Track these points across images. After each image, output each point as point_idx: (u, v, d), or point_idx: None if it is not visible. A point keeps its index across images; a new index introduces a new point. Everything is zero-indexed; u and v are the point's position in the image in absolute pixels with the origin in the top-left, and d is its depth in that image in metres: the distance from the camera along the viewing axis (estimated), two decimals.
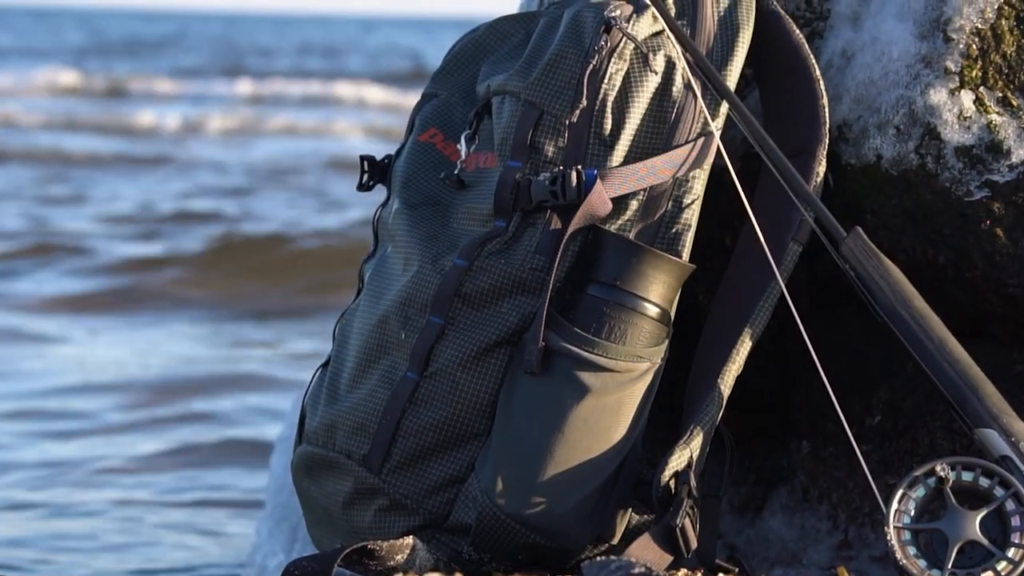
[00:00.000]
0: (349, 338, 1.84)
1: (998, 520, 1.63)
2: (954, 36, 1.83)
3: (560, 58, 1.78)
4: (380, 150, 2.03)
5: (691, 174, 1.76)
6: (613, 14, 1.77)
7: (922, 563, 1.62)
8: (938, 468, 1.64)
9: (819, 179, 1.81)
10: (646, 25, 1.78)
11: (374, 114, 17.10)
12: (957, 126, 1.82)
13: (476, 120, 1.85)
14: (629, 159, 1.75)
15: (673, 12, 1.80)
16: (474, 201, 1.81)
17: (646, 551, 1.68)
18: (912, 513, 1.64)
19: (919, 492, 1.65)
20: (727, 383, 1.75)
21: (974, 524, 1.63)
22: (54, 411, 4.46)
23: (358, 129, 15.17)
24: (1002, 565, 1.62)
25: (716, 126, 1.76)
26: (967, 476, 1.64)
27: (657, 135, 1.76)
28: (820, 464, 2.00)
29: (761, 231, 1.75)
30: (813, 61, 1.84)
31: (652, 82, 1.76)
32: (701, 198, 1.77)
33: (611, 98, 1.75)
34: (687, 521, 1.68)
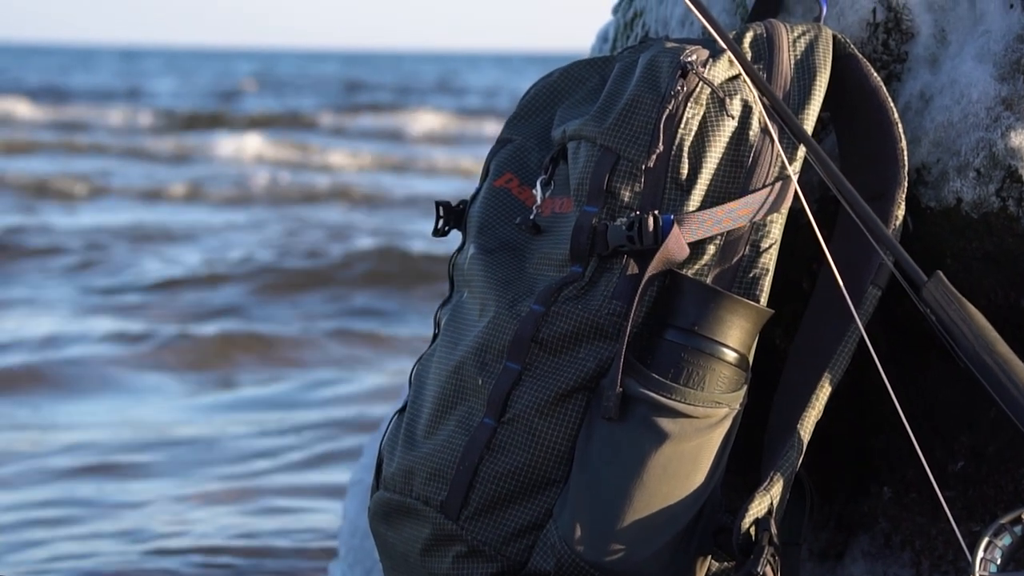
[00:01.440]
0: (425, 383, 1.84)
1: None
2: None
3: (636, 103, 1.77)
4: None
5: (768, 218, 1.75)
6: (689, 59, 1.77)
7: None
8: None
9: (898, 223, 1.79)
10: (722, 69, 1.78)
11: None
12: None
13: (552, 165, 1.85)
14: (706, 204, 1.74)
15: (750, 56, 1.80)
16: (550, 246, 1.81)
17: None
18: (998, 561, 1.62)
19: (1005, 540, 1.63)
20: (807, 428, 1.74)
21: None
22: None
23: None
24: None
25: (793, 170, 1.75)
26: None
27: (734, 179, 1.75)
28: (902, 510, 1.97)
29: (840, 275, 1.73)
30: (891, 104, 1.82)
31: (729, 126, 1.76)
32: (779, 242, 1.76)
33: (688, 143, 1.75)
34: (768, 569, 1.66)
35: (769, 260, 1.75)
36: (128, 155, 16.58)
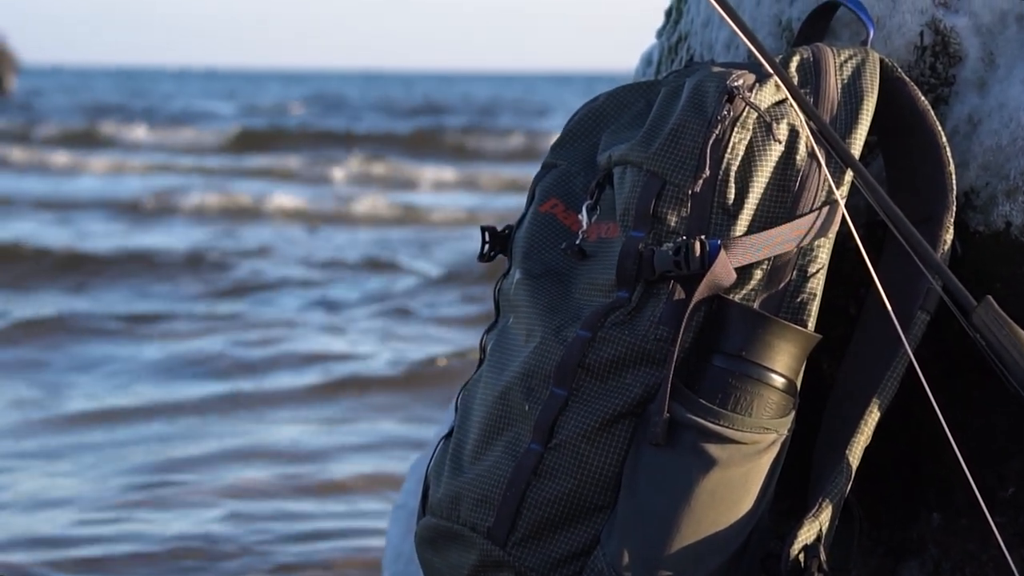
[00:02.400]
0: (472, 409, 1.84)
1: None
2: None
3: (682, 128, 1.77)
4: None
5: (816, 243, 1.74)
6: (736, 83, 1.76)
7: None
8: None
9: (947, 247, 1.78)
10: (769, 94, 1.77)
11: None
12: None
13: (597, 190, 1.85)
14: (753, 228, 1.74)
15: (796, 80, 1.79)
16: (596, 271, 1.80)
17: None
18: None
19: None
20: (855, 454, 1.73)
21: None
22: None
23: None
24: None
25: (841, 194, 1.75)
26: None
27: (781, 204, 1.74)
28: (952, 536, 1.95)
29: (888, 300, 1.72)
30: (939, 127, 1.81)
31: (775, 151, 1.75)
32: (826, 267, 1.75)
33: (734, 167, 1.75)
34: None
35: (816, 285, 1.74)
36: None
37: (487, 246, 1.93)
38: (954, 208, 1.79)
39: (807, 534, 1.67)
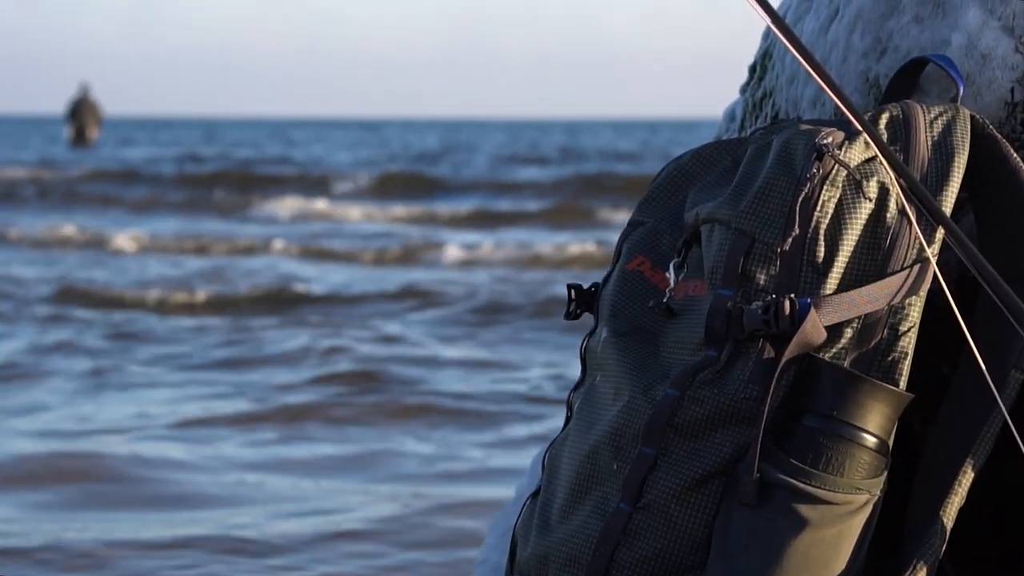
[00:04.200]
0: (559, 468, 1.84)
1: None
2: None
3: (771, 186, 1.76)
4: None
5: (907, 301, 1.73)
6: (825, 141, 1.75)
7: None
8: None
9: None
10: (859, 151, 1.76)
11: None
12: None
13: (685, 248, 1.84)
14: (843, 287, 1.72)
15: (886, 138, 1.78)
16: (684, 330, 1.80)
17: None
18: None
19: None
20: (949, 515, 1.71)
21: None
22: None
23: None
24: None
25: (932, 252, 1.73)
26: None
27: (871, 262, 1.73)
28: None
29: (981, 358, 1.70)
30: None
31: (866, 208, 1.74)
32: (917, 325, 1.73)
33: (824, 225, 1.74)
34: None
35: (908, 343, 1.73)
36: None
37: (573, 304, 1.93)
38: None
39: None
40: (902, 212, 1.73)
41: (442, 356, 7.51)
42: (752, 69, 2.38)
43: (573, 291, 1.93)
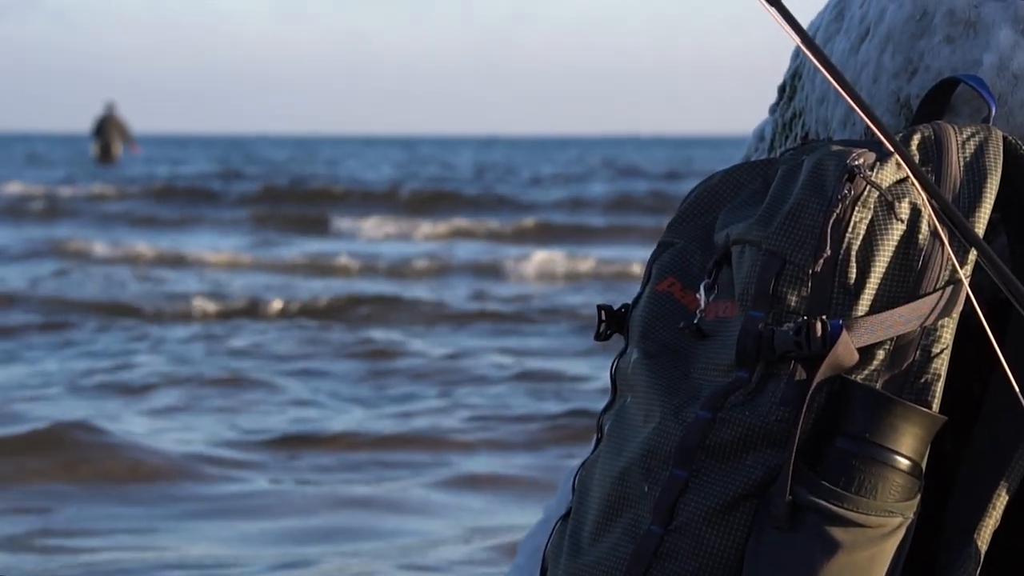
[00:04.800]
0: (590, 490, 1.83)
1: None
2: None
3: (802, 207, 1.76)
4: None
5: (939, 322, 1.72)
6: (856, 162, 1.75)
7: None
8: None
9: None
10: (890, 172, 1.76)
11: None
12: None
13: (715, 269, 1.84)
14: (875, 308, 1.72)
15: (918, 159, 1.78)
16: (715, 351, 1.79)
17: None
18: None
19: None
20: (983, 538, 1.70)
21: None
22: None
23: None
24: None
25: (965, 273, 1.72)
26: None
27: (903, 283, 1.73)
28: None
29: (1014, 379, 1.70)
30: None
31: (898, 230, 1.73)
32: (950, 347, 1.73)
33: (855, 247, 1.73)
34: None
35: (940, 365, 1.72)
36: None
37: (603, 325, 1.92)
38: None
39: None
40: (934, 233, 1.73)
41: None
42: (782, 89, 2.37)
43: (603, 312, 1.92)
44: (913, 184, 1.74)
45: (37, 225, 19.52)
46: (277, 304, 10.39)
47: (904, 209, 1.74)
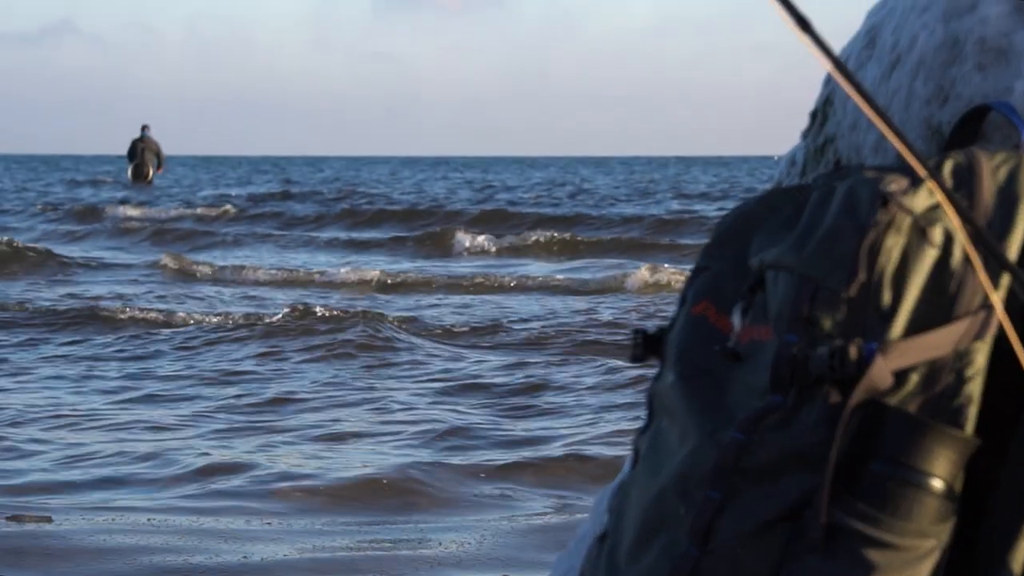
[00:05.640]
0: (627, 511, 1.85)
1: None
2: None
3: (836, 233, 1.78)
4: None
5: (973, 346, 1.74)
6: (890, 188, 1.77)
7: None
8: None
9: None
10: (923, 198, 1.78)
11: None
12: None
13: (749, 293, 1.86)
14: (909, 332, 1.74)
15: (950, 184, 1.80)
16: (749, 374, 1.81)
17: None
18: None
19: None
20: (1018, 560, 1.71)
21: None
22: None
23: None
24: None
25: (998, 297, 1.74)
26: None
27: (937, 307, 1.75)
28: None
29: None
30: None
31: (931, 255, 1.76)
32: (984, 370, 1.74)
33: (889, 271, 1.75)
34: None
35: (974, 389, 1.74)
36: None
37: (639, 347, 1.94)
38: None
39: None
40: (967, 258, 1.75)
41: None
42: (813, 115, 2.39)
43: (639, 335, 1.95)
44: (946, 209, 1.76)
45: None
46: None
47: (937, 234, 1.76)
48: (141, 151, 37.52)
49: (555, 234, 20.56)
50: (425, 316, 11.63)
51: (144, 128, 37.34)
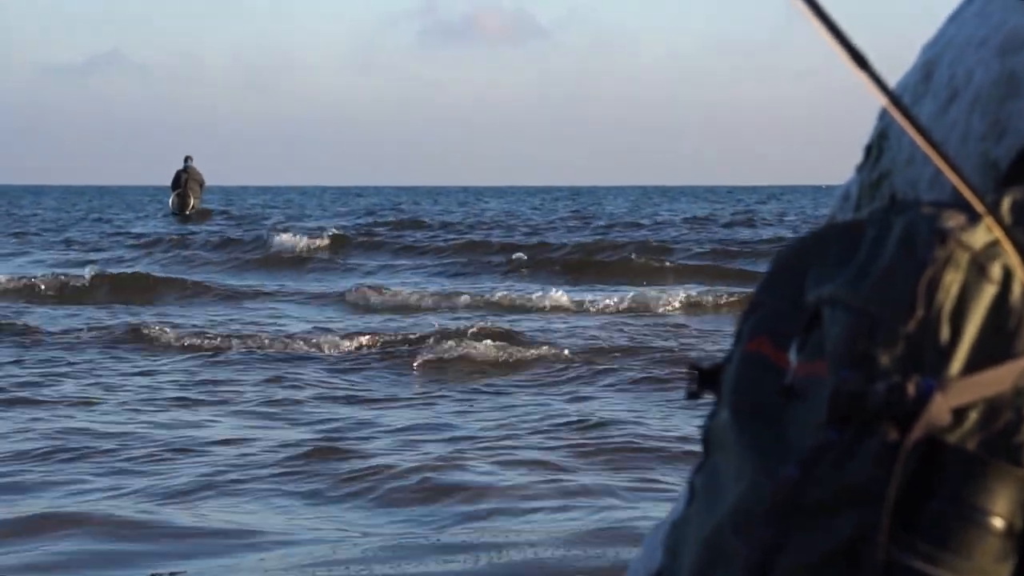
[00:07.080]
0: (682, 549, 1.85)
1: None
2: None
3: (894, 269, 1.77)
4: None
5: None
6: (948, 224, 1.76)
7: None
8: None
9: None
10: (982, 234, 1.77)
11: None
12: None
13: (806, 329, 1.85)
14: (967, 369, 1.73)
15: (1009, 220, 1.79)
16: (805, 410, 1.80)
17: None
18: None
19: None
20: None
21: None
22: None
23: None
24: None
25: None
26: None
27: (996, 344, 1.73)
28: None
29: None
30: None
31: (989, 291, 1.75)
32: None
33: (947, 308, 1.74)
34: None
35: None
36: None
37: (695, 384, 1.94)
38: None
39: None
40: None
41: None
42: (867, 150, 2.39)
43: (696, 371, 1.94)
44: (1004, 246, 1.75)
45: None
46: None
47: (996, 271, 1.75)
48: (185, 181, 38.07)
49: None
50: None
51: (187, 159, 37.91)
